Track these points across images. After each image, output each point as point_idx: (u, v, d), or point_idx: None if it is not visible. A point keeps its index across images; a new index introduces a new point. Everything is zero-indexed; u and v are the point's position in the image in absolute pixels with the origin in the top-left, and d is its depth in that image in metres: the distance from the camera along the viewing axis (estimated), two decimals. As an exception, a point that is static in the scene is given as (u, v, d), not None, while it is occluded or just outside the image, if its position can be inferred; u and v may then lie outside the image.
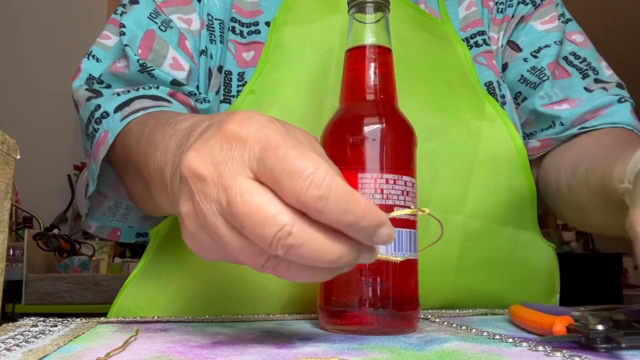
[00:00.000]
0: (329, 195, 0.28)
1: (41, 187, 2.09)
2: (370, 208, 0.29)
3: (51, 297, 1.64)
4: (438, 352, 0.33)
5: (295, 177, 0.28)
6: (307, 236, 0.28)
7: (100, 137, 0.53)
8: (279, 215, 0.28)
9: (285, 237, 0.28)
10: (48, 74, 2.17)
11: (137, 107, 0.52)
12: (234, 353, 0.32)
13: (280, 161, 0.28)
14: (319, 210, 0.28)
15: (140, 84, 0.57)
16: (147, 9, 0.60)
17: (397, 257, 0.39)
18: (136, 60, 0.56)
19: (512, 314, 0.44)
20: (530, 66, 0.64)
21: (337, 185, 0.28)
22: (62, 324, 0.42)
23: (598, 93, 0.62)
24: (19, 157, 0.42)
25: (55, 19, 2.24)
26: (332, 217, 0.28)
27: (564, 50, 0.65)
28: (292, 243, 0.28)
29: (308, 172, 0.28)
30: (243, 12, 0.62)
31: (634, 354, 0.32)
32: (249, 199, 0.28)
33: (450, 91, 0.59)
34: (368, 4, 0.44)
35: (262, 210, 0.28)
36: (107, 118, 0.53)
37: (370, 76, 0.43)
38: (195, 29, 0.61)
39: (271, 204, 0.29)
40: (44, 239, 1.74)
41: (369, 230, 0.29)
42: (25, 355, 0.30)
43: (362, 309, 0.39)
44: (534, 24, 0.66)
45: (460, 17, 0.67)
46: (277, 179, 0.28)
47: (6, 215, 0.41)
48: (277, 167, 0.28)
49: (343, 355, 0.32)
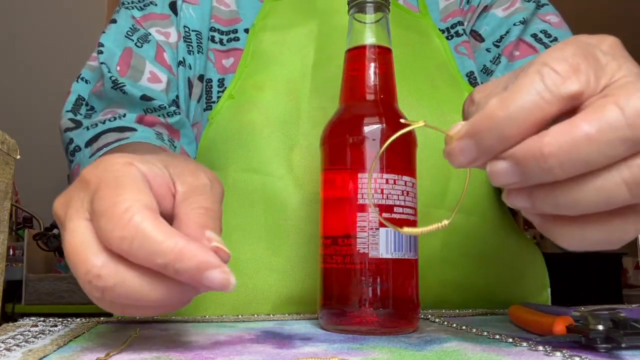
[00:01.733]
0: (133, 236, 0.27)
1: (41, 187, 2.08)
2: (193, 249, 0.28)
3: (51, 297, 1.64)
4: (438, 352, 0.33)
5: (106, 217, 0.28)
6: (120, 278, 0.28)
7: (75, 169, 0.56)
8: (90, 258, 0.28)
9: (96, 279, 0.28)
10: (48, 74, 2.17)
11: (102, 143, 0.54)
12: (234, 353, 0.32)
13: (98, 202, 0.28)
14: (125, 252, 0.28)
15: (115, 102, 0.59)
16: (125, 26, 0.62)
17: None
18: (109, 77, 0.58)
19: (512, 314, 0.44)
20: (492, 56, 0.63)
21: (145, 226, 0.27)
22: (62, 324, 0.42)
23: None
24: (19, 157, 0.42)
25: (55, 19, 2.24)
26: (142, 258, 0.27)
27: (532, 28, 0.62)
28: (103, 285, 0.28)
29: (117, 213, 0.28)
30: (222, 20, 0.64)
31: (634, 354, 0.32)
32: (71, 239, 0.29)
33: (431, 86, 0.59)
34: (368, 4, 0.43)
35: (79, 252, 0.28)
36: (79, 152, 0.56)
37: (370, 76, 0.43)
38: (173, 41, 0.63)
39: (88, 245, 0.28)
40: (44, 239, 1.74)
41: (190, 274, 0.28)
42: (25, 355, 0.30)
43: (362, 309, 0.39)
44: (495, 12, 0.65)
45: (441, 8, 0.66)
46: (95, 220, 0.28)
47: (6, 215, 0.41)
48: (96, 208, 0.28)
49: (343, 355, 0.32)
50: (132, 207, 0.28)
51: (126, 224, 0.27)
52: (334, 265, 0.40)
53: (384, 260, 0.39)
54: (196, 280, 0.28)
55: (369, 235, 0.39)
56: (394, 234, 0.39)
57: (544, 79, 0.25)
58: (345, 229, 0.40)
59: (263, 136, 0.56)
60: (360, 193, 0.40)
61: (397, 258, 0.40)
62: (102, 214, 0.28)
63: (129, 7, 0.64)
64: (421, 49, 0.62)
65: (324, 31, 0.60)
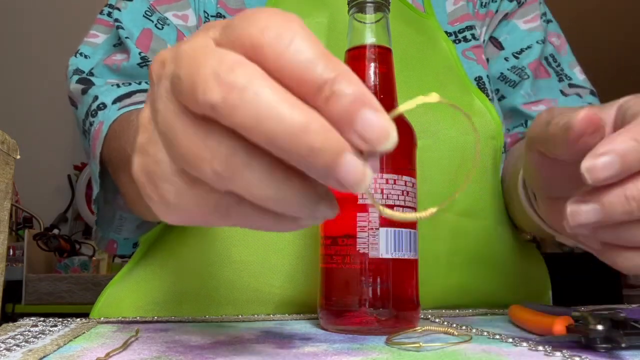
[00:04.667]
0: (292, 37, 0.21)
1: (41, 187, 2.09)
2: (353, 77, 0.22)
3: (51, 297, 1.64)
4: (438, 352, 0.33)
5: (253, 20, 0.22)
6: (258, 80, 0.21)
7: (95, 130, 0.50)
8: (225, 52, 0.22)
9: (226, 72, 0.21)
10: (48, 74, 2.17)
11: (138, 99, 0.50)
12: (234, 353, 0.32)
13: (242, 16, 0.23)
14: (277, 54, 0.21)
15: (135, 78, 0.56)
16: (141, 7, 0.59)
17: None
18: (138, 52, 0.55)
19: (512, 314, 0.44)
20: (510, 65, 0.64)
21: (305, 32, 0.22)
22: (62, 324, 0.42)
23: (572, 98, 0.63)
24: (19, 157, 0.42)
25: (55, 19, 2.24)
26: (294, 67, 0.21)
27: (546, 51, 0.65)
28: (233, 81, 0.21)
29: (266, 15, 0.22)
30: (228, 8, 0.62)
31: (634, 354, 0.32)
32: (197, 49, 0.23)
33: (440, 87, 0.58)
34: (368, 4, 0.43)
35: (207, 51, 0.22)
36: (103, 110, 0.51)
37: (370, 76, 0.43)
38: (192, 25, 0.60)
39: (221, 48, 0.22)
40: (44, 239, 1.74)
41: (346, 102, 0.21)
42: (25, 355, 0.30)
43: (362, 309, 0.39)
44: (517, 23, 0.65)
45: (448, 11, 0.65)
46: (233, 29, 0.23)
47: (6, 215, 0.41)
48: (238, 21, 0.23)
49: (343, 355, 0.32)
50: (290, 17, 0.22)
51: (284, 23, 0.22)
52: (334, 266, 0.40)
53: (384, 260, 0.39)
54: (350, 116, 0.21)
55: (369, 235, 0.39)
56: (394, 234, 0.39)
57: None
58: (346, 229, 0.40)
59: None
60: (360, 193, 0.40)
61: (397, 258, 0.40)
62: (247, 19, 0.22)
63: None
64: (428, 50, 0.61)
65: (334, 25, 0.59)
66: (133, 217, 0.59)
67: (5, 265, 0.41)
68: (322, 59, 0.21)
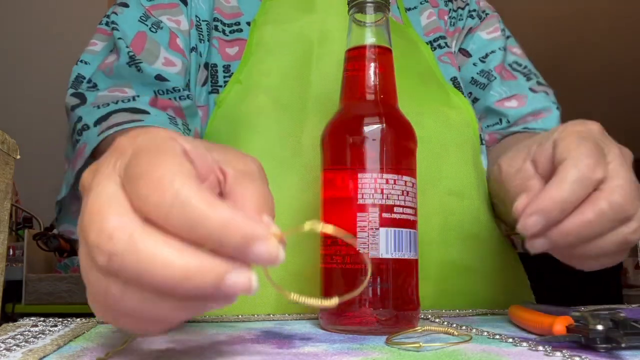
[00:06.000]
0: (172, 202, 0.24)
1: (41, 187, 2.08)
2: (240, 220, 0.24)
3: (51, 297, 1.64)
4: (438, 352, 0.33)
5: (142, 181, 0.25)
6: (137, 244, 0.24)
7: (80, 148, 0.54)
8: (108, 218, 0.25)
9: (105, 241, 0.24)
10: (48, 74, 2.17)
11: (113, 122, 0.53)
12: (234, 353, 0.32)
13: (135, 167, 0.26)
14: (162, 219, 0.24)
15: (124, 81, 0.58)
16: (137, 13, 0.62)
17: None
18: (127, 52, 0.58)
19: (512, 314, 0.44)
20: (479, 69, 0.72)
21: (187, 191, 0.24)
22: (62, 324, 0.42)
23: (540, 96, 0.70)
24: (19, 157, 0.42)
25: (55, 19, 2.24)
26: (182, 227, 0.24)
27: (508, 58, 0.73)
28: (111, 250, 0.24)
29: (156, 177, 0.25)
30: (224, 13, 0.66)
31: (634, 354, 0.32)
32: (95, 199, 0.26)
33: (422, 83, 0.65)
34: (368, 4, 0.43)
35: (97, 212, 0.25)
36: (87, 131, 0.54)
37: (370, 76, 0.43)
38: (184, 29, 0.63)
39: (111, 206, 0.25)
40: (44, 239, 1.74)
41: (234, 244, 0.24)
42: (25, 355, 0.30)
43: (362, 309, 0.39)
44: (480, 34, 0.74)
45: (423, 25, 0.73)
46: (130, 184, 0.26)
47: (6, 215, 0.41)
48: (133, 172, 0.26)
49: (343, 355, 0.32)
50: (172, 172, 0.25)
51: (165, 188, 0.24)
52: (334, 266, 0.40)
53: (384, 260, 0.39)
54: (242, 254, 0.25)
55: (369, 235, 0.39)
56: (394, 234, 0.40)
57: (582, 170, 0.37)
58: (345, 229, 0.40)
59: (271, 119, 0.58)
60: (360, 193, 0.40)
61: (397, 258, 0.40)
62: (138, 177, 0.25)
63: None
64: (409, 52, 0.67)
65: (325, 27, 0.63)
66: None
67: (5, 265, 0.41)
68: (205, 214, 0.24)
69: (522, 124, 0.69)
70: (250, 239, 0.24)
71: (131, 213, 0.25)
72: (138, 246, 0.24)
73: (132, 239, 0.24)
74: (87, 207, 0.26)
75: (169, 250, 0.24)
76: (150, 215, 0.25)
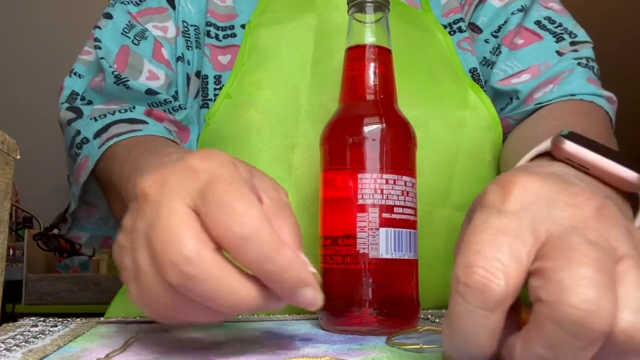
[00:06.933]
0: (253, 237, 0.27)
1: (41, 187, 2.09)
2: (298, 264, 0.28)
3: (51, 297, 1.64)
4: (438, 352, 0.33)
5: (225, 210, 0.27)
6: (210, 270, 0.27)
7: (82, 162, 0.54)
8: (187, 240, 0.27)
9: (184, 264, 0.27)
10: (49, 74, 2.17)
11: (112, 133, 0.53)
12: (234, 353, 0.32)
13: (218, 193, 0.28)
14: (235, 249, 0.27)
15: (117, 97, 0.58)
16: (121, 23, 0.61)
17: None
18: (111, 72, 0.57)
19: (512, 314, 0.44)
20: (491, 47, 0.62)
21: (265, 231, 0.27)
22: (62, 324, 0.42)
23: (567, 57, 0.58)
24: (19, 157, 0.42)
25: (55, 19, 2.24)
26: (251, 260, 0.27)
27: (535, 15, 0.61)
28: (189, 272, 0.27)
29: (240, 210, 0.27)
30: (218, 15, 0.62)
31: (633, 354, 0.32)
32: (170, 217, 0.28)
33: (432, 81, 0.58)
34: (368, 4, 0.43)
35: (175, 231, 0.27)
36: (87, 144, 0.54)
37: (370, 76, 0.43)
38: (171, 36, 0.62)
39: (188, 229, 0.27)
40: (44, 239, 1.74)
41: (289, 285, 0.28)
42: (25, 355, 0.30)
43: (362, 309, 0.39)
44: (492, 2, 0.64)
45: (442, 3, 0.66)
46: (208, 209, 0.28)
47: (6, 215, 0.41)
48: (213, 199, 0.28)
49: (343, 355, 0.32)
50: (255, 209, 0.28)
51: (247, 222, 0.27)
52: (334, 266, 0.40)
53: (384, 260, 0.39)
54: (291, 293, 0.28)
55: (369, 235, 0.39)
56: (394, 234, 0.40)
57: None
58: (345, 229, 0.40)
59: (262, 137, 0.55)
60: (360, 193, 0.40)
61: (397, 258, 0.40)
62: (219, 205, 0.27)
63: (124, 2, 0.62)
64: (423, 44, 0.61)
65: (323, 27, 0.59)
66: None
67: (5, 265, 0.41)
68: (273, 254, 0.27)
69: (535, 97, 0.57)
70: (303, 284, 0.28)
71: (207, 239, 0.27)
72: (213, 275, 0.27)
73: (209, 267, 0.27)
74: (162, 222, 0.27)
75: (238, 281, 0.28)
76: (227, 244, 0.27)
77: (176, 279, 0.27)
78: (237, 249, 0.27)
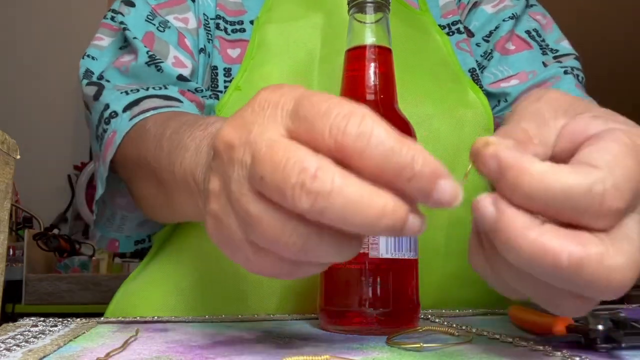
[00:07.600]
0: (374, 131, 0.24)
1: (41, 187, 2.09)
2: (425, 156, 0.24)
3: (51, 297, 1.64)
4: (438, 352, 0.33)
5: (331, 116, 0.24)
6: (339, 182, 0.24)
7: (109, 138, 0.52)
8: (305, 158, 0.24)
9: (311, 181, 0.24)
10: (48, 74, 2.17)
11: (146, 106, 0.51)
12: (234, 353, 0.32)
13: (315, 106, 0.25)
14: (359, 151, 0.24)
15: (143, 80, 0.56)
16: (143, 12, 0.60)
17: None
18: (146, 52, 0.56)
19: (512, 314, 0.44)
20: (482, 51, 0.64)
21: (379, 124, 0.24)
22: (62, 324, 0.42)
23: (552, 66, 0.61)
24: (19, 157, 0.42)
25: (55, 19, 2.24)
26: (377, 156, 0.24)
27: (524, 24, 0.64)
28: (318, 189, 0.23)
29: (345, 112, 0.24)
30: (227, 10, 0.62)
31: (634, 354, 0.32)
32: (274, 147, 0.25)
33: (434, 80, 0.59)
34: (368, 4, 0.43)
35: (286, 153, 0.24)
36: (115, 118, 0.52)
37: (370, 76, 0.43)
38: (192, 27, 0.61)
39: (299, 149, 0.25)
40: (44, 239, 1.74)
41: (426, 178, 0.24)
42: (25, 355, 0.30)
43: (362, 309, 0.39)
44: (484, 8, 0.66)
45: (440, 5, 0.67)
46: (311, 124, 0.25)
47: (6, 215, 0.41)
48: (311, 112, 0.25)
49: (343, 355, 0.32)
50: (360, 107, 0.25)
51: (361, 120, 0.24)
52: (334, 265, 0.40)
53: (384, 260, 0.39)
54: (429, 189, 0.24)
55: (369, 235, 0.39)
56: (394, 234, 0.39)
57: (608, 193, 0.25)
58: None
59: None
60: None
61: (397, 258, 0.40)
62: (323, 115, 0.24)
63: None
64: (423, 45, 0.62)
65: (330, 25, 0.60)
66: (134, 216, 0.59)
67: (5, 265, 0.41)
68: (398, 146, 0.24)
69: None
70: (438, 175, 0.24)
71: (323, 156, 0.24)
72: (344, 187, 0.24)
73: (337, 180, 0.24)
74: (261, 158, 0.25)
75: (370, 190, 0.24)
76: (344, 149, 0.24)
77: (306, 201, 0.24)
78: (357, 150, 0.24)
